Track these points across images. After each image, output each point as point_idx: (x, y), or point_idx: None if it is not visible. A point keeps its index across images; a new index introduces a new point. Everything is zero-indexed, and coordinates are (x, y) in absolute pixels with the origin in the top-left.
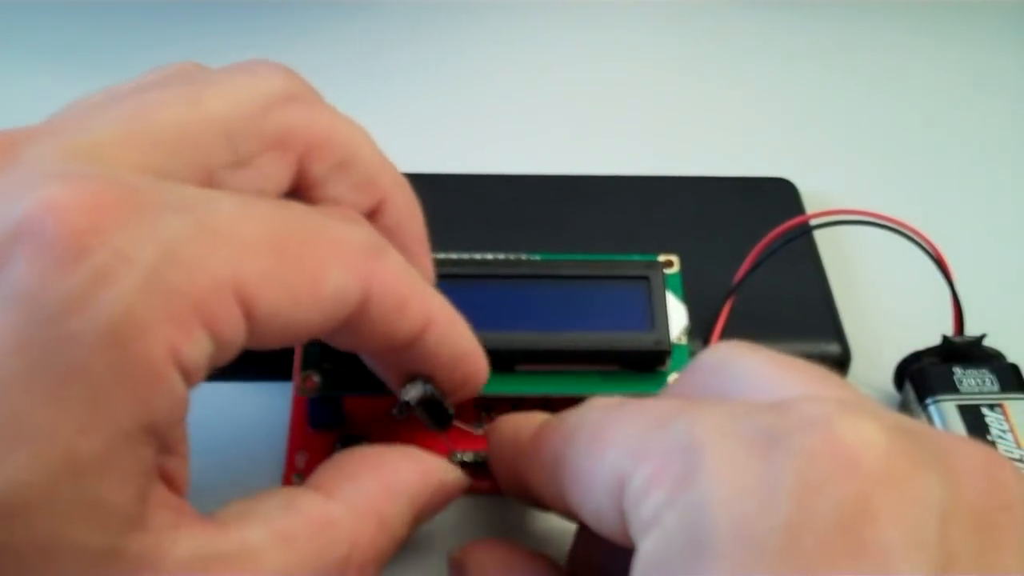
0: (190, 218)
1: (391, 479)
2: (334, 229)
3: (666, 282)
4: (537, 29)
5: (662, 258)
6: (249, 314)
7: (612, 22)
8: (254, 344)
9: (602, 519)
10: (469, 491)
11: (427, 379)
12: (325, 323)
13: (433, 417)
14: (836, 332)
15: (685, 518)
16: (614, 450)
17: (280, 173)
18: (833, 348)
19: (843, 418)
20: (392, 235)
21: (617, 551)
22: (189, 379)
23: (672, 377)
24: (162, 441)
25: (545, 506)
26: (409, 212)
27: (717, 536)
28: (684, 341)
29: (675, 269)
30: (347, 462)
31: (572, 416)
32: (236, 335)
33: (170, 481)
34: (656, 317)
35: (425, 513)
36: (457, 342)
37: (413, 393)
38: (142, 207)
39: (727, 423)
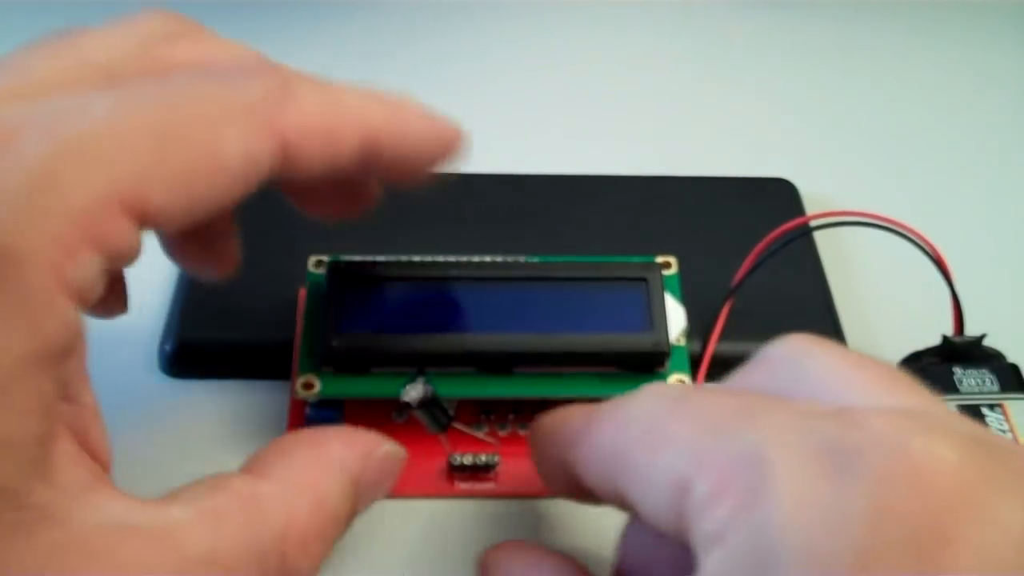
0: (58, 135)
1: (324, 454)
2: (225, 92)
3: (665, 283)
4: (534, 30)
5: (660, 259)
6: (142, 214)
7: (611, 23)
8: (166, 230)
9: (659, 516)
10: (472, 495)
11: (427, 380)
12: (244, 187)
13: (432, 418)
14: (836, 334)
15: (751, 540)
16: (674, 450)
17: None
18: None
19: (916, 436)
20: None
21: (669, 542)
22: (83, 299)
23: (673, 378)
24: (60, 375)
25: (596, 499)
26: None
27: (784, 561)
28: (683, 342)
29: (673, 271)
30: (280, 443)
31: (629, 405)
32: (128, 241)
33: (83, 441)
34: (655, 318)
35: (368, 491)
36: (412, 131)
37: (412, 394)
38: (9, 136)
39: (794, 435)
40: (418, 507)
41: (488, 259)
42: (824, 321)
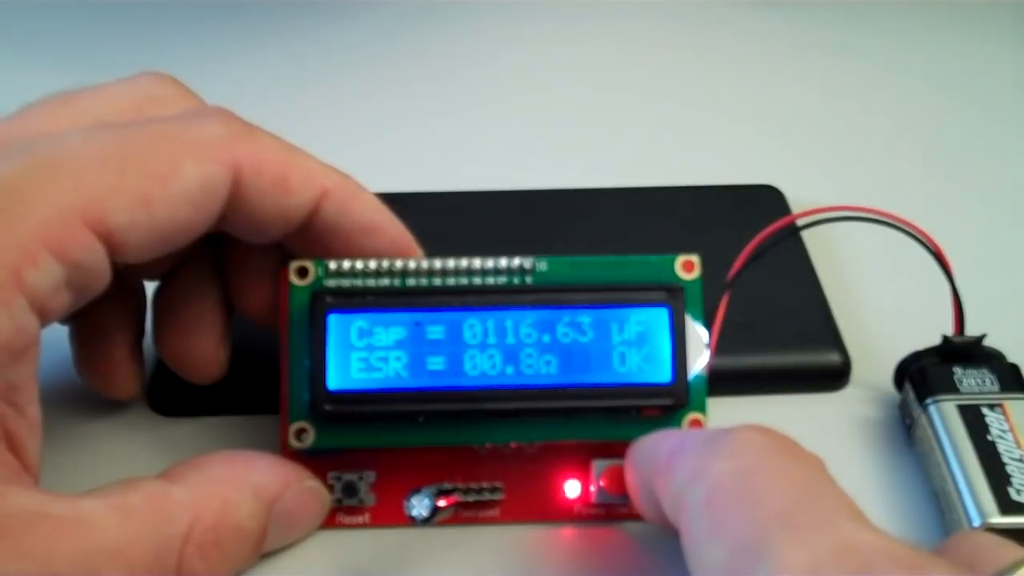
0: (27, 158)
1: (238, 470)
2: (186, 128)
3: (687, 295)
4: (521, 48)
5: (682, 258)
6: (105, 232)
7: (594, 35)
8: (137, 255)
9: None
10: (477, 521)
11: (430, 494)
12: (199, 214)
13: (444, 514)
14: (835, 341)
15: None
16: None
17: None
18: (833, 358)
19: None
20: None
21: None
22: (42, 309)
23: (689, 418)
24: (4, 373)
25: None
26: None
27: None
28: (703, 371)
29: (696, 274)
30: (201, 457)
31: (722, 448)
32: (89, 254)
33: (13, 445)
34: (676, 364)
35: (285, 519)
36: (362, 211)
37: (418, 511)
38: None
39: None
40: (419, 534)
41: (492, 264)
42: (823, 330)
